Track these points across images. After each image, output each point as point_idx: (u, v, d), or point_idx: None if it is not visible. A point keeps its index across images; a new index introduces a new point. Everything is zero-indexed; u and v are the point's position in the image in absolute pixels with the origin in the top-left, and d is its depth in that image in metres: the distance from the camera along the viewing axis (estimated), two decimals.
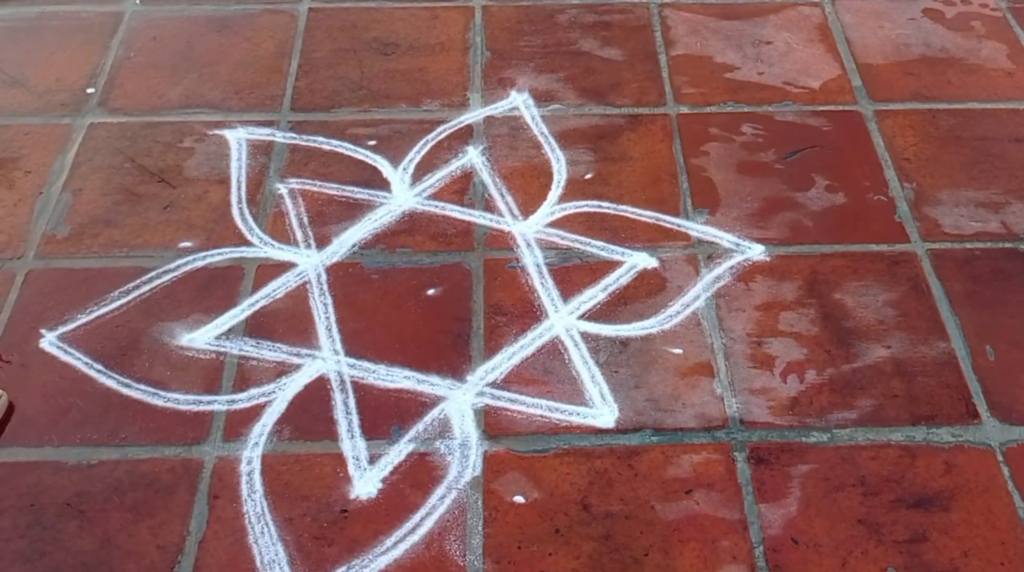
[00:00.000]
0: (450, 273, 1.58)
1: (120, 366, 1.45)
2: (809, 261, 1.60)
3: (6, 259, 1.60)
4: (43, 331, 1.50)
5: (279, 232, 1.65)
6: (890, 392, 1.43)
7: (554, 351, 1.47)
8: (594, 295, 1.55)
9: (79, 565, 1.24)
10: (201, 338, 1.49)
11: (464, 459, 1.35)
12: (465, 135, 1.82)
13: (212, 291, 1.55)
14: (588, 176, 1.74)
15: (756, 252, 1.62)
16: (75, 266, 1.59)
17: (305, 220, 1.66)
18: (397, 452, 1.35)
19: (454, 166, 1.76)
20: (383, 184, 1.73)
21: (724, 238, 1.63)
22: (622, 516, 1.29)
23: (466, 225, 1.66)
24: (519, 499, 1.31)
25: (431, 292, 1.55)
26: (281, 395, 1.42)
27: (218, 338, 1.49)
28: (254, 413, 1.40)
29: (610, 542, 1.26)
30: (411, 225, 1.66)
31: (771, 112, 1.86)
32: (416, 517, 1.29)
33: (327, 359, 1.46)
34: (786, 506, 1.30)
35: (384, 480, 1.33)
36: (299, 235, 1.64)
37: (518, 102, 1.88)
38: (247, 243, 1.63)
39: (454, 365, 1.45)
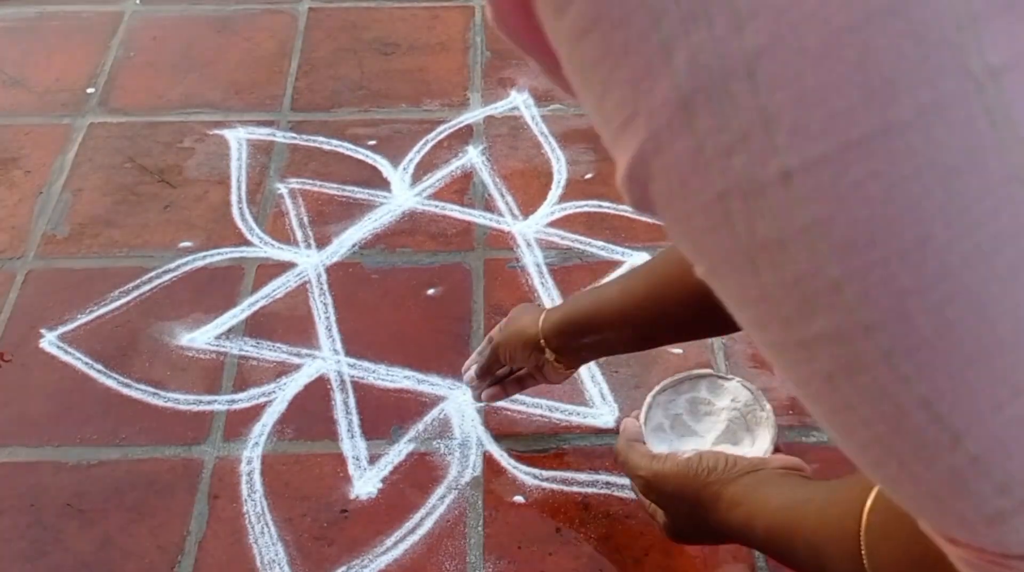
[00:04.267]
0: (450, 273, 1.58)
1: (120, 366, 1.45)
2: None
3: (6, 259, 1.60)
4: (43, 331, 1.50)
5: (279, 232, 1.65)
6: None
7: None
8: None
9: (79, 565, 1.24)
10: (201, 338, 1.49)
11: (464, 459, 1.35)
12: (465, 135, 1.82)
13: (212, 291, 1.55)
14: (588, 176, 1.74)
15: None
16: (75, 266, 1.59)
17: (305, 220, 1.66)
18: (397, 452, 1.35)
19: (454, 166, 1.76)
20: (383, 184, 1.73)
21: None
22: (622, 516, 1.29)
23: (466, 225, 1.66)
24: (519, 499, 1.31)
25: (431, 292, 1.55)
26: (281, 395, 1.42)
27: (218, 338, 1.49)
28: (254, 413, 1.40)
29: (610, 542, 1.26)
30: (411, 225, 1.66)
31: None
32: (416, 517, 1.29)
33: (327, 359, 1.46)
34: None
35: (384, 480, 1.33)
36: (299, 235, 1.64)
37: (518, 102, 1.88)
38: (247, 243, 1.63)
39: (454, 365, 1.45)
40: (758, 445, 0.88)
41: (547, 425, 1.39)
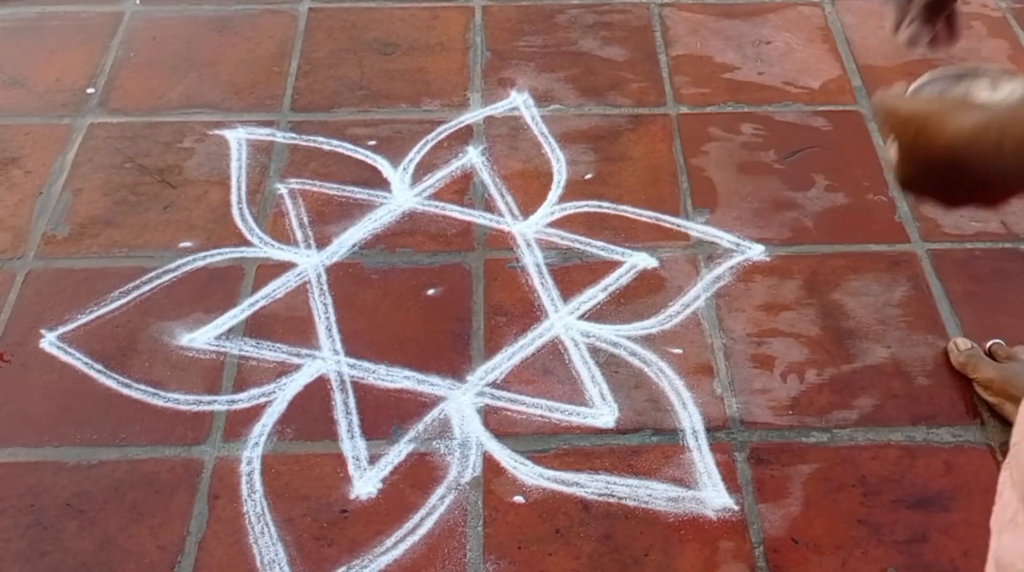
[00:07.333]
0: (450, 273, 1.58)
1: (120, 366, 1.45)
2: (809, 261, 1.60)
3: (6, 259, 1.60)
4: (43, 331, 1.50)
5: (279, 232, 1.65)
6: (890, 392, 1.43)
7: (554, 351, 1.47)
8: (594, 295, 1.55)
9: (79, 565, 1.24)
10: (201, 338, 1.49)
11: (464, 459, 1.35)
12: (465, 135, 1.82)
13: (212, 291, 1.55)
14: (588, 176, 1.74)
15: (756, 252, 1.62)
16: (75, 266, 1.59)
17: (305, 220, 1.66)
18: (397, 452, 1.35)
19: (454, 166, 1.76)
20: (383, 184, 1.73)
21: (724, 238, 1.63)
22: (622, 516, 1.29)
23: (466, 225, 1.66)
24: (519, 499, 1.31)
25: (431, 292, 1.55)
26: (281, 395, 1.42)
27: (218, 338, 1.49)
28: (254, 413, 1.40)
29: (610, 542, 1.26)
30: (411, 225, 1.66)
31: (771, 112, 1.86)
32: (416, 517, 1.29)
33: (327, 359, 1.46)
34: (786, 506, 1.30)
35: (384, 480, 1.33)
36: (299, 235, 1.64)
37: (518, 102, 1.88)
38: (247, 243, 1.63)
39: (454, 365, 1.45)
40: None
41: (547, 425, 1.39)
